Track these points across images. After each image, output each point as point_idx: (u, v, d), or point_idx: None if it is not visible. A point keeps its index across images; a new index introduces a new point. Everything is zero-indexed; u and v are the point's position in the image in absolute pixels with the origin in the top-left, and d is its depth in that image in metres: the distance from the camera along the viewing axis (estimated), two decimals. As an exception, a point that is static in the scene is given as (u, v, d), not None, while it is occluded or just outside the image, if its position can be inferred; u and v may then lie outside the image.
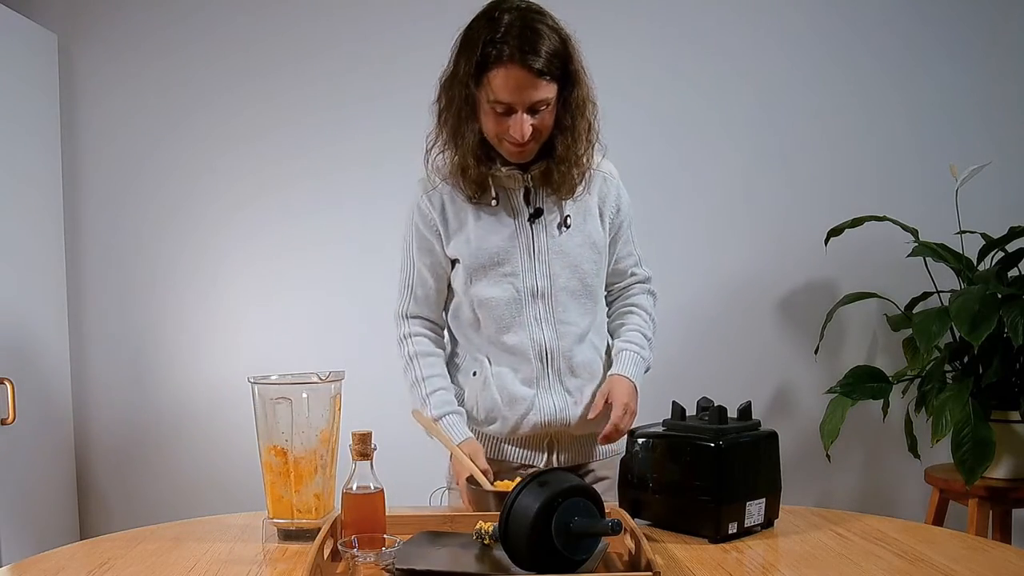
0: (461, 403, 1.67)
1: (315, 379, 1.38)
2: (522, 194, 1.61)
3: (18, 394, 2.26)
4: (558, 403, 1.62)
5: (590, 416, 1.61)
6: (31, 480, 2.41)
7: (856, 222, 2.49)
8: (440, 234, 1.62)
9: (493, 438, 1.67)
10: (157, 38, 2.68)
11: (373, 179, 2.66)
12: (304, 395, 1.37)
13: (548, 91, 1.50)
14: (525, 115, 1.50)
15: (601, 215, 1.66)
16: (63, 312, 2.63)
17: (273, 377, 1.40)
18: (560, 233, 1.61)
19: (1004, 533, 2.35)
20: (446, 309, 1.70)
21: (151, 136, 2.70)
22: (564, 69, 1.52)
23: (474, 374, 1.65)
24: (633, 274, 1.76)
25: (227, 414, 2.66)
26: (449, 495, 1.71)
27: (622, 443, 1.69)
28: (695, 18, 2.72)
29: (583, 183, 1.62)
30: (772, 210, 2.74)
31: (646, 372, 1.71)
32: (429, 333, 1.69)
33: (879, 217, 2.49)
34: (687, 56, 2.72)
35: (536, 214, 1.60)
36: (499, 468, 1.66)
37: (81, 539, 2.27)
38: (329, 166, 2.69)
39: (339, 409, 1.43)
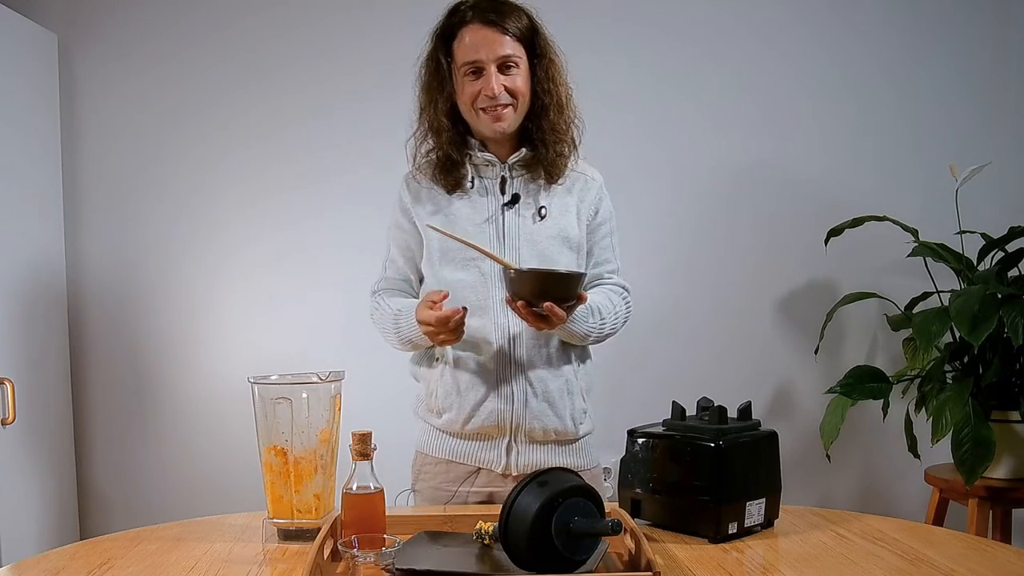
0: (424, 398, 1.67)
1: (315, 379, 1.38)
2: (498, 183, 1.63)
3: (18, 394, 2.26)
4: (518, 393, 1.59)
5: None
6: (31, 480, 2.41)
7: (856, 222, 2.49)
8: (414, 219, 1.65)
9: (447, 434, 1.65)
10: (157, 38, 2.68)
11: (375, 182, 2.64)
12: (304, 395, 1.37)
13: (515, 48, 1.57)
14: (496, 72, 1.55)
15: (578, 214, 1.65)
16: (63, 312, 2.63)
17: (273, 377, 1.40)
18: (534, 222, 1.62)
19: (1004, 533, 2.35)
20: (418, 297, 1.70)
21: (151, 136, 2.70)
22: (532, 38, 1.59)
23: (436, 360, 1.64)
24: (609, 278, 1.72)
25: (227, 414, 2.66)
26: (414, 497, 1.71)
27: (584, 457, 1.68)
28: (694, 20, 2.71)
29: (566, 169, 1.64)
30: (772, 210, 2.74)
31: (589, 339, 1.64)
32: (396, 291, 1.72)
33: (879, 217, 2.49)
34: (685, 57, 2.72)
35: (513, 200, 1.62)
36: (454, 472, 1.64)
37: (81, 539, 2.27)
38: (331, 168, 2.68)
39: (339, 409, 1.43)
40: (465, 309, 1.50)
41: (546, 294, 1.44)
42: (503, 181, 1.63)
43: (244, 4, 2.68)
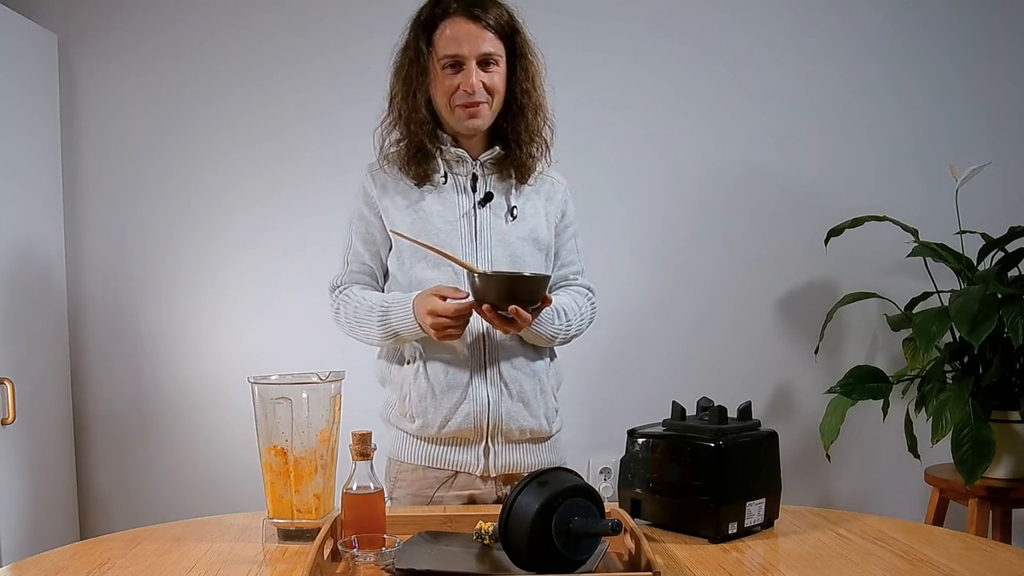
0: (395, 402, 1.66)
1: (315, 379, 1.38)
2: (469, 180, 1.62)
3: (18, 394, 2.26)
4: (493, 394, 1.58)
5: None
6: (31, 480, 2.41)
7: (856, 222, 2.49)
8: (380, 213, 1.63)
9: (422, 440, 1.63)
10: (157, 38, 2.68)
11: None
12: (304, 395, 1.37)
13: (496, 46, 1.56)
14: (475, 68, 1.54)
15: (547, 216, 1.66)
16: (63, 312, 2.63)
17: (273, 377, 1.40)
18: (507, 222, 1.62)
19: (1004, 533, 2.35)
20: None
21: (151, 136, 2.69)
22: (511, 36, 1.58)
23: (408, 362, 1.63)
24: (575, 279, 1.73)
25: (227, 414, 2.66)
26: (391, 504, 1.70)
27: (557, 454, 1.68)
28: (694, 20, 2.71)
29: (536, 170, 1.64)
30: (772, 210, 2.74)
31: (556, 340, 1.64)
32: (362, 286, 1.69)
33: (879, 217, 2.49)
34: (685, 57, 2.72)
35: (487, 198, 1.61)
36: (431, 477, 1.63)
37: (81, 539, 2.27)
38: (332, 167, 2.67)
39: (339, 409, 1.43)
40: (472, 303, 1.49)
41: (512, 297, 1.43)
42: (474, 178, 1.62)
43: (244, 4, 2.68)
